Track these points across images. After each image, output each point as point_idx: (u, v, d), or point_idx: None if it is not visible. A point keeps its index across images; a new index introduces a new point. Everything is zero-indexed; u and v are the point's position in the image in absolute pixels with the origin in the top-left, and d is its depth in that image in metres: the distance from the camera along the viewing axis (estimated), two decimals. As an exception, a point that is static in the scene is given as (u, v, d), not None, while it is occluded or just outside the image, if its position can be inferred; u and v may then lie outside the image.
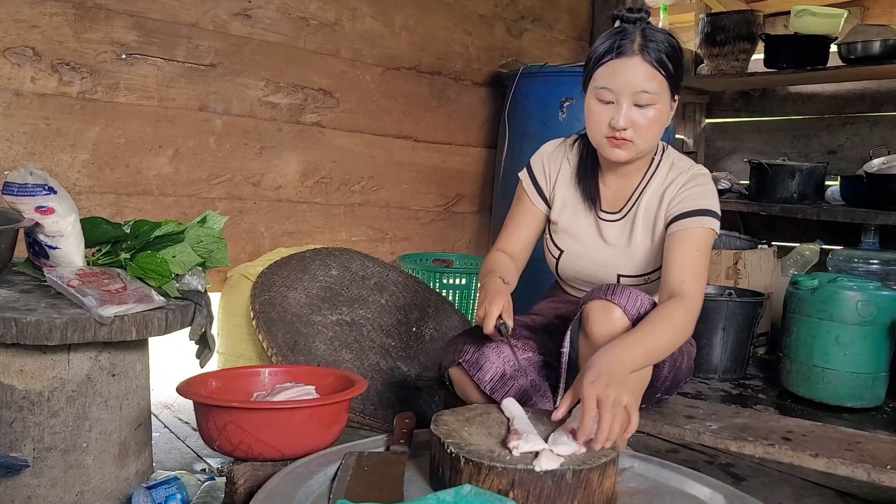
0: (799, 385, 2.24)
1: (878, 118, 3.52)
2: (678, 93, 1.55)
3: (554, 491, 1.08)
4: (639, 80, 1.47)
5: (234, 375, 1.56)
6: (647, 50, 1.47)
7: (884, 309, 2.13)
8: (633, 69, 1.47)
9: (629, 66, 1.47)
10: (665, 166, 1.63)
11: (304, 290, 2.29)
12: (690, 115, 4.08)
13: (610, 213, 1.67)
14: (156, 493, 1.50)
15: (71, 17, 2.09)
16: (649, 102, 1.48)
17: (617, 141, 1.51)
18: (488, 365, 1.55)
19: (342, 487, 1.15)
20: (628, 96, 1.48)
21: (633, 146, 1.52)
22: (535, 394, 1.56)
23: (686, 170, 1.61)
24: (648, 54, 1.47)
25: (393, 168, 2.91)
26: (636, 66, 1.47)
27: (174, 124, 2.33)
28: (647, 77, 1.47)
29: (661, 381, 1.61)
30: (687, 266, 1.50)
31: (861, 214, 2.88)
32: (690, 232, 1.53)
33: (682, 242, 1.53)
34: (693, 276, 1.49)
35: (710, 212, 1.55)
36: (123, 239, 1.70)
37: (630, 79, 1.47)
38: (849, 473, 1.53)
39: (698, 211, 1.55)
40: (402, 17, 2.87)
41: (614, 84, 1.48)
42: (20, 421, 1.42)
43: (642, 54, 1.47)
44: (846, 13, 3.33)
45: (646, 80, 1.47)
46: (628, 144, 1.52)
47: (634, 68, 1.47)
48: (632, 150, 1.53)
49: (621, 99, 1.48)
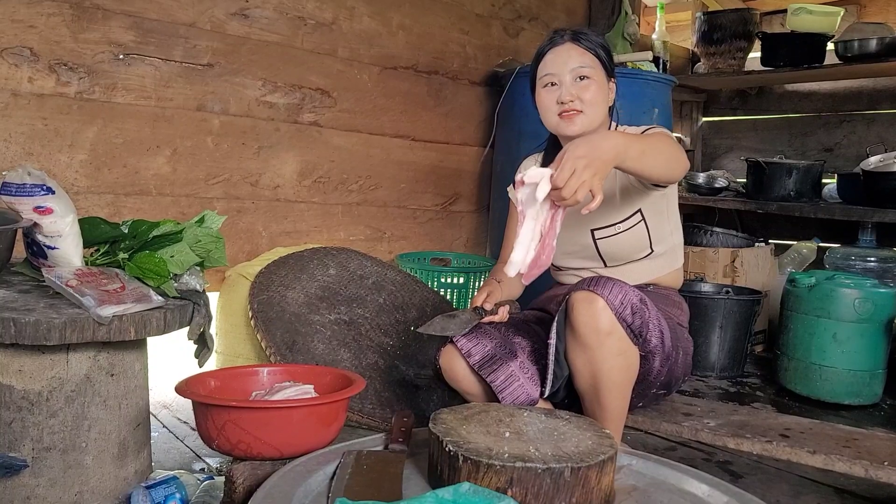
0: (796, 382, 2.25)
1: (874, 116, 3.53)
2: (613, 77, 1.74)
3: (552, 488, 1.08)
4: (574, 59, 1.67)
5: (233, 375, 1.57)
6: (576, 38, 1.70)
7: (881, 306, 2.13)
8: (568, 52, 1.68)
9: (564, 50, 1.69)
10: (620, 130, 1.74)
11: (302, 289, 2.29)
12: (687, 113, 4.09)
13: None
14: (155, 493, 1.50)
15: (68, 17, 2.09)
16: (587, 75, 1.66)
17: (567, 114, 1.67)
18: (479, 347, 1.63)
19: (341, 486, 1.15)
20: (567, 73, 1.67)
21: (583, 116, 1.67)
22: (523, 376, 1.62)
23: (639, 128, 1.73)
24: (578, 41, 1.69)
25: (390, 167, 2.91)
26: (570, 49, 1.69)
27: (172, 124, 2.33)
28: (580, 56, 1.67)
29: (655, 376, 1.62)
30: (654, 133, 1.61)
31: (858, 212, 2.89)
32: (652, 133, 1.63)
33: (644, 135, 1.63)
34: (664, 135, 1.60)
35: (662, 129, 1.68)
36: (122, 239, 1.70)
37: (566, 59, 1.68)
38: (846, 470, 1.54)
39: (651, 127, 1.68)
40: (400, 17, 2.87)
41: (555, 67, 1.68)
42: (19, 421, 1.42)
43: (573, 41, 1.70)
44: (843, 11, 3.33)
45: (580, 57, 1.67)
46: (579, 116, 1.66)
47: (568, 51, 1.68)
48: (584, 120, 1.67)
49: (563, 78, 1.67)
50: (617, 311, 1.48)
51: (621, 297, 1.48)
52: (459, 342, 1.64)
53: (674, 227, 1.81)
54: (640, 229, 1.73)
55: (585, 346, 1.51)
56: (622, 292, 1.49)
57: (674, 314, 1.76)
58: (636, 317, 1.50)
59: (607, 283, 1.50)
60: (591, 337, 1.49)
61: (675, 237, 1.82)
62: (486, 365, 1.62)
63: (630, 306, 1.49)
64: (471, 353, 1.62)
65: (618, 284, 1.50)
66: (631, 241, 1.72)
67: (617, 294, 1.48)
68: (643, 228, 1.73)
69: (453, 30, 3.06)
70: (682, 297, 1.86)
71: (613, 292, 1.49)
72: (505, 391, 1.61)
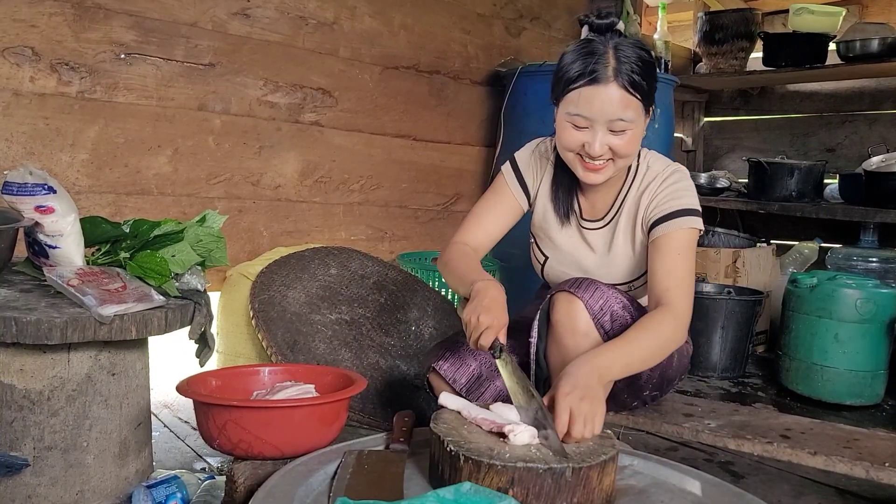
0: (798, 383, 2.25)
1: (876, 116, 3.53)
2: (653, 105, 1.50)
3: (553, 488, 1.08)
4: (614, 109, 1.41)
5: (234, 374, 1.57)
6: (620, 74, 1.40)
7: (882, 307, 2.13)
8: (609, 97, 1.41)
9: (604, 94, 1.41)
10: (643, 169, 1.60)
11: (303, 289, 2.29)
12: (689, 113, 4.09)
13: (592, 220, 1.65)
14: (156, 492, 1.50)
15: (70, 16, 2.09)
16: (625, 129, 1.43)
17: (592, 165, 1.48)
18: (464, 368, 1.57)
19: (342, 485, 1.15)
20: (603, 124, 1.43)
21: (610, 167, 1.49)
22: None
23: (662, 170, 1.58)
24: (622, 78, 1.40)
25: (392, 167, 2.91)
26: (611, 94, 1.40)
27: (173, 124, 2.33)
28: (622, 105, 1.41)
29: (646, 380, 1.60)
30: (670, 272, 1.48)
31: (860, 212, 2.88)
32: (671, 236, 1.50)
33: (663, 248, 1.50)
34: (677, 281, 1.47)
35: (689, 210, 1.52)
36: (123, 238, 1.70)
37: (605, 108, 1.41)
38: (847, 471, 1.54)
39: (676, 212, 1.51)
40: (401, 17, 2.87)
41: (589, 112, 1.42)
42: (20, 420, 1.42)
43: (616, 80, 1.40)
44: (844, 11, 3.33)
45: (621, 108, 1.41)
46: (608, 165, 1.48)
47: (609, 96, 1.40)
48: (609, 172, 1.50)
49: (596, 126, 1.43)
50: (595, 316, 1.45)
51: (601, 303, 1.46)
52: (442, 369, 1.57)
53: None
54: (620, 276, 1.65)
55: (561, 346, 1.48)
56: (603, 298, 1.46)
57: None
58: (615, 324, 1.47)
59: (590, 287, 1.46)
60: (568, 337, 1.47)
61: None
62: (472, 388, 1.58)
63: (610, 313, 1.47)
64: (455, 380, 1.57)
65: (601, 289, 1.46)
66: (639, 293, 1.66)
67: (598, 299, 1.45)
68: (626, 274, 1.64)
69: (455, 29, 3.05)
70: None
71: (595, 297, 1.45)
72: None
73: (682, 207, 1.52)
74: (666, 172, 1.58)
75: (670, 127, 2.76)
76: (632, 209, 1.59)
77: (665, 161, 1.62)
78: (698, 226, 1.52)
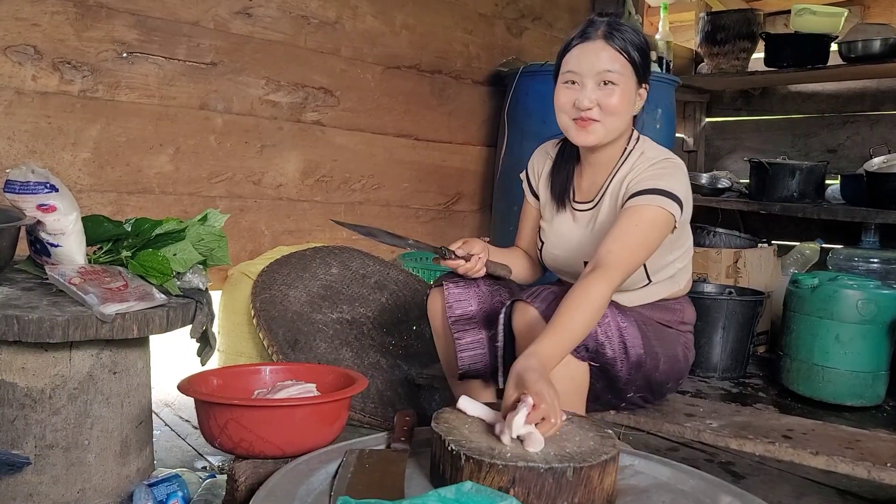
0: (799, 383, 2.24)
1: (878, 117, 3.52)
2: (645, 83, 1.58)
3: (555, 488, 1.08)
4: (602, 62, 1.51)
5: (235, 373, 1.57)
6: (610, 35, 1.52)
7: (884, 307, 2.13)
8: (597, 52, 1.52)
9: (593, 49, 1.52)
10: (635, 155, 1.62)
11: (304, 288, 2.29)
12: (690, 114, 4.09)
13: (583, 202, 1.68)
14: (157, 491, 1.50)
15: (72, 15, 2.09)
16: (613, 81, 1.51)
17: (583, 122, 1.54)
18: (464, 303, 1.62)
19: (343, 485, 1.15)
20: (592, 76, 1.52)
21: (599, 126, 1.54)
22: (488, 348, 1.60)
23: (654, 157, 1.59)
24: (612, 39, 1.52)
25: (393, 167, 2.92)
26: (600, 48, 1.52)
27: (175, 123, 2.33)
28: (610, 58, 1.51)
29: (624, 382, 1.59)
30: (620, 237, 1.48)
31: (861, 213, 2.88)
32: (636, 208, 1.50)
33: (624, 216, 1.51)
34: (622, 246, 1.46)
35: (666, 192, 1.51)
36: (125, 237, 1.70)
37: (593, 60, 1.51)
38: (849, 471, 1.54)
39: (652, 189, 1.51)
40: (403, 16, 2.87)
41: (579, 66, 1.53)
42: (22, 418, 1.42)
43: (606, 39, 1.52)
44: (846, 12, 3.33)
45: (609, 61, 1.51)
46: (594, 125, 1.54)
47: (598, 51, 1.52)
48: (599, 132, 1.55)
49: (585, 80, 1.52)
50: None
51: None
52: (448, 289, 1.63)
53: (680, 254, 1.70)
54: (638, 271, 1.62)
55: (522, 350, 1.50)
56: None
57: (663, 318, 1.70)
58: None
59: (548, 296, 1.48)
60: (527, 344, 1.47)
61: (681, 262, 1.72)
62: (460, 322, 1.62)
63: None
64: (452, 306, 1.62)
65: (559, 298, 1.46)
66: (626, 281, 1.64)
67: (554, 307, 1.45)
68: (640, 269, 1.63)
69: (457, 29, 3.05)
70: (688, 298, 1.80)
71: (551, 306, 1.46)
72: (464, 353, 1.62)
73: (659, 187, 1.51)
74: (657, 158, 1.59)
75: (672, 127, 2.76)
76: (616, 188, 1.62)
77: (662, 151, 1.63)
78: (670, 209, 1.50)
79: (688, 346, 1.74)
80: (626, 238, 1.48)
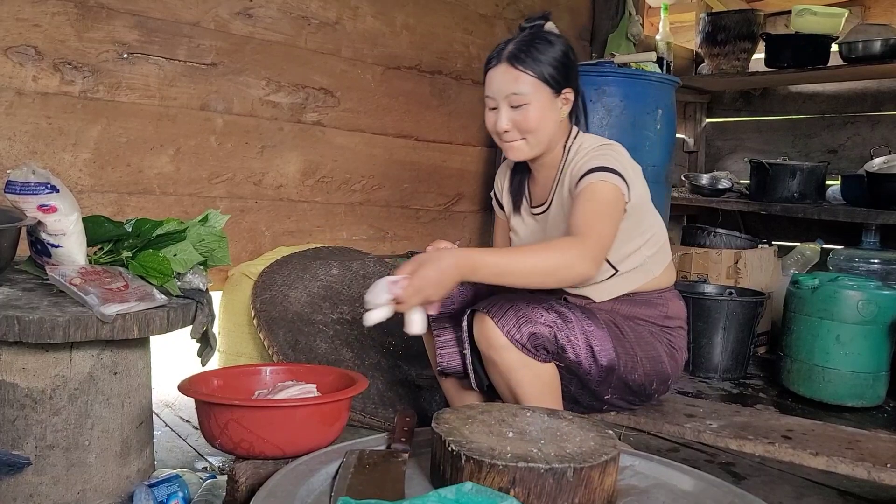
0: (799, 384, 2.24)
1: (878, 117, 3.53)
2: (567, 86, 1.60)
3: (555, 488, 1.08)
4: (508, 85, 1.57)
5: (236, 374, 1.57)
6: (512, 56, 1.57)
7: (884, 308, 2.13)
8: (502, 75, 1.58)
9: (499, 73, 1.58)
10: (574, 151, 1.64)
11: (305, 288, 2.29)
12: (691, 114, 4.09)
13: (538, 206, 1.75)
14: (157, 492, 1.50)
15: (73, 16, 2.09)
16: (522, 102, 1.56)
17: (506, 143, 1.62)
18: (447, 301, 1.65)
19: (343, 485, 1.15)
20: (503, 99, 1.58)
21: (522, 144, 1.61)
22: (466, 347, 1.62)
23: (591, 146, 1.61)
24: (512, 59, 1.57)
25: (394, 167, 2.92)
26: (504, 72, 1.58)
27: (175, 123, 2.33)
28: (514, 80, 1.56)
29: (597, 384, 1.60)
30: (581, 215, 1.49)
31: (862, 214, 2.88)
32: (587, 187, 1.52)
33: (578, 198, 1.52)
34: (590, 219, 1.47)
35: (607, 168, 1.53)
36: (125, 237, 1.70)
37: (500, 84, 1.58)
38: (849, 472, 1.54)
39: (595, 168, 1.53)
40: (403, 17, 2.87)
41: (491, 90, 1.60)
42: (22, 419, 1.43)
43: (509, 61, 1.57)
44: (847, 12, 3.33)
45: (514, 83, 1.56)
46: (518, 143, 1.61)
47: (503, 74, 1.58)
48: (524, 149, 1.62)
49: (499, 103, 1.59)
50: (509, 334, 1.48)
51: (514, 321, 1.48)
52: None
53: (645, 241, 1.68)
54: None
55: (488, 359, 1.55)
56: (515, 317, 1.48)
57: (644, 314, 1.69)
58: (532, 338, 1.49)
59: (503, 307, 1.50)
60: (489, 352, 1.52)
61: (648, 250, 1.68)
62: (441, 319, 1.66)
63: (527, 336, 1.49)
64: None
65: (516, 306, 1.49)
66: None
67: (510, 318, 1.49)
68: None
69: (457, 30, 3.06)
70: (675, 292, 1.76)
71: (507, 316, 1.49)
72: (443, 350, 1.66)
73: (598, 165, 1.53)
74: (595, 145, 1.61)
75: (672, 128, 2.76)
76: (563, 187, 1.66)
77: (600, 140, 1.65)
78: (616, 182, 1.51)
79: (675, 345, 1.71)
80: (587, 214, 1.49)
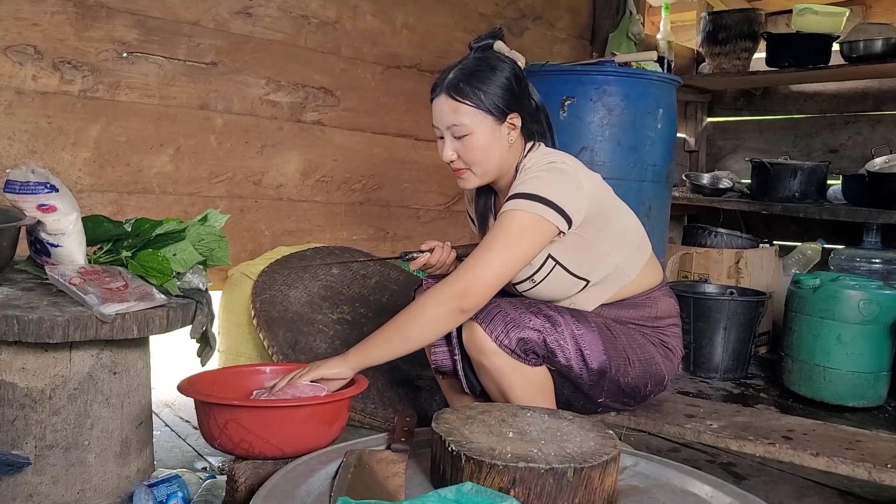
0: (800, 384, 2.24)
1: (880, 117, 3.52)
2: (510, 111, 1.55)
3: (555, 489, 1.08)
4: (448, 116, 1.54)
5: (235, 374, 1.56)
6: (451, 86, 1.54)
7: (886, 308, 2.13)
8: (441, 107, 1.55)
9: (439, 104, 1.56)
10: (523, 166, 1.59)
11: (304, 288, 2.29)
12: (692, 114, 4.08)
13: None
14: (157, 492, 1.50)
15: (72, 15, 2.09)
16: (463, 133, 1.54)
17: (456, 172, 1.60)
18: None
19: (343, 485, 1.15)
20: (445, 130, 1.56)
21: (469, 173, 1.58)
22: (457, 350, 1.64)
23: (535, 165, 1.55)
24: (449, 90, 1.54)
25: (394, 167, 2.91)
26: (442, 103, 1.55)
27: (175, 123, 2.33)
28: (453, 111, 1.54)
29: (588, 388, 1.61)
30: (480, 245, 1.48)
31: (863, 213, 2.88)
32: (504, 215, 1.49)
33: (495, 225, 1.50)
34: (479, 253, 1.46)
35: (535, 196, 1.47)
36: (125, 237, 1.70)
37: (441, 115, 1.56)
38: (850, 472, 1.54)
39: (519, 195, 1.49)
40: (403, 16, 2.87)
41: (435, 121, 1.58)
42: (22, 419, 1.42)
43: (446, 91, 1.54)
44: (848, 12, 3.32)
45: (453, 114, 1.54)
46: (466, 173, 1.59)
47: (442, 106, 1.55)
48: (472, 178, 1.59)
49: (444, 133, 1.57)
50: (498, 339, 1.50)
51: (502, 326, 1.50)
52: (428, 284, 1.71)
53: (612, 246, 1.62)
54: (559, 273, 1.59)
55: (478, 365, 1.56)
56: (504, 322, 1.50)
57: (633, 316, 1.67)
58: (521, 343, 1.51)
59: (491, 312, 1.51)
60: (480, 358, 1.54)
61: (616, 256, 1.62)
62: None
63: (516, 341, 1.50)
64: None
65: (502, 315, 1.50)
66: (555, 286, 1.61)
67: (499, 323, 1.50)
68: (561, 271, 1.59)
69: (457, 29, 3.05)
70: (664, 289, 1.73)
71: (495, 321, 1.50)
72: (436, 349, 1.66)
73: (527, 191, 1.48)
74: (538, 165, 1.55)
75: (673, 127, 2.75)
76: None
77: (549, 156, 1.57)
78: (532, 210, 1.46)
79: (669, 344, 1.69)
80: (481, 247, 1.48)
